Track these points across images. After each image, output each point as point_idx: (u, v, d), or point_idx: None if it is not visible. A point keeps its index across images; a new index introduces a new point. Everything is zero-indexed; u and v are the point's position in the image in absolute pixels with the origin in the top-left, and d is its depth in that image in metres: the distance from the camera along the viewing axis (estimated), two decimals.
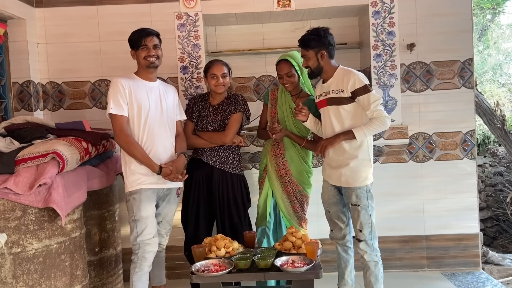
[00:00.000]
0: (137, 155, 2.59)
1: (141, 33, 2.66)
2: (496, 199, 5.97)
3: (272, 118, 3.07)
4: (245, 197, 3.07)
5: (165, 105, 2.74)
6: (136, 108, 2.62)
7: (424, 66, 3.63)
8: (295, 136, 3.00)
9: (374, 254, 2.70)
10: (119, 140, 2.61)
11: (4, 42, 3.31)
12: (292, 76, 2.92)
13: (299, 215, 3.01)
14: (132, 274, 2.62)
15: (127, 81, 2.63)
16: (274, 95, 3.11)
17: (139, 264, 2.61)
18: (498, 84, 8.75)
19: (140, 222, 2.60)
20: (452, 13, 3.57)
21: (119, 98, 2.57)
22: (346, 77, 2.67)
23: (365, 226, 2.67)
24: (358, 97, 2.64)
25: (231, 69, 3.08)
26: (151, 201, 2.65)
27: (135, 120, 2.63)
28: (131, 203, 2.62)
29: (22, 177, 2.26)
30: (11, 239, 2.22)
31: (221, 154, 3.00)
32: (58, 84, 3.66)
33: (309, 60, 2.73)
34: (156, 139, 2.67)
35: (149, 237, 2.62)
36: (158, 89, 2.75)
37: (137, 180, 2.62)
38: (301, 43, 2.76)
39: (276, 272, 2.35)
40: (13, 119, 2.76)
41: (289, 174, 2.99)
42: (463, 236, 3.69)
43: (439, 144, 3.68)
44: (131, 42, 2.68)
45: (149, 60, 2.65)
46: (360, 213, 2.66)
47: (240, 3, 3.54)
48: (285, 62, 2.93)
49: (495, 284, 3.47)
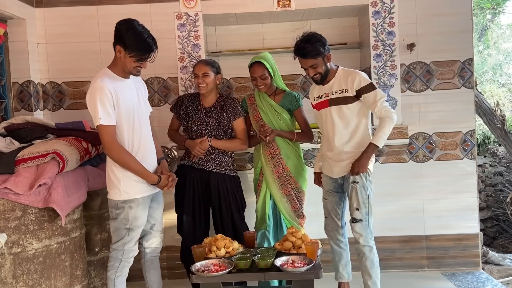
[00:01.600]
0: (133, 167, 2.44)
1: (149, 49, 2.42)
2: (496, 199, 5.98)
3: (257, 122, 3.07)
4: (242, 197, 3.08)
5: (142, 102, 2.60)
6: (124, 112, 2.44)
7: (424, 66, 3.63)
8: (285, 132, 3.02)
9: (370, 237, 2.72)
10: (111, 152, 2.41)
11: (4, 42, 3.31)
12: (265, 79, 2.95)
13: (299, 213, 3.03)
14: (113, 279, 2.52)
15: (110, 83, 2.40)
16: (252, 100, 3.12)
17: (121, 268, 2.54)
18: (498, 84, 8.75)
19: (133, 231, 2.52)
20: (452, 13, 3.57)
21: (108, 106, 2.36)
22: (350, 77, 2.70)
23: (362, 205, 2.69)
24: (364, 95, 2.66)
25: (219, 68, 3.01)
26: (146, 208, 2.58)
27: (123, 125, 2.46)
28: (126, 211, 2.48)
29: (22, 177, 2.26)
30: (11, 239, 2.22)
31: (216, 158, 2.98)
32: (58, 84, 3.66)
33: (319, 67, 2.71)
34: (143, 142, 2.56)
35: (134, 243, 2.57)
36: (134, 85, 2.58)
37: (133, 188, 2.48)
38: (309, 54, 2.67)
39: (276, 272, 2.35)
40: (13, 119, 2.76)
41: (287, 171, 3.01)
42: (463, 236, 3.69)
43: (439, 144, 3.68)
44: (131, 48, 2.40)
45: (137, 71, 2.49)
46: (358, 190, 2.69)
47: (240, 3, 3.54)
48: (258, 65, 2.95)
49: (495, 284, 3.47)
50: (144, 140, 2.56)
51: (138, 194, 2.50)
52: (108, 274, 2.55)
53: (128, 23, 2.45)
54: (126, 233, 2.51)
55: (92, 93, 2.38)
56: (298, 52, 2.71)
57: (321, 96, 2.82)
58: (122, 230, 2.51)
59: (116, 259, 2.53)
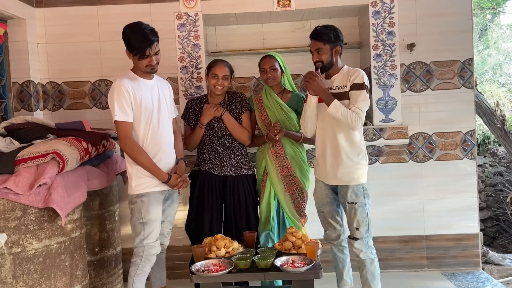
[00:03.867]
0: (144, 163, 2.54)
1: (145, 42, 2.48)
2: (496, 199, 5.97)
3: (264, 121, 3.06)
4: (256, 194, 3.11)
5: (164, 103, 2.69)
6: (142, 111, 2.55)
7: (424, 66, 3.63)
8: (292, 133, 3.01)
9: (370, 251, 2.70)
10: (125, 147, 2.55)
11: (4, 42, 3.30)
12: (275, 71, 2.96)
13: (301, 213, 3.03)
14: (133, 276, 2.58)
15: (129, 83, 2.53)
16: (258, 99, 3.12)
17: (142, 266, 2.59)
18: (498, 84, 8.74)
19: (148, 225, 2.57)
20: (452, 13, 3.57)
21: (124, 104, 2.49)
22: (351, 73, 2.68)
23: (362, 224, 2.66)
24: (352, 91, 2.63)
25: (234, 72, 3.07)
26: (159, 204, 2.64)
27: (141, 123, 2.56)
28: (139, 205, 2.57)
29: (22, 177, 2.26)
30: (11, 239, 2.22)
31: (233, 161, 3.00)
32: (58, 84, 3.66)
33: (324, 54, 2.67)
34: (161, 141, 2.63)
35: (154, 239, 2.61)
36: (157, 86, 2.68)
37: (146, 183, 2.57)
38: (317, 35, 2.67)
39: (276, 272, 2.35)
40: (13, 119, 2.76)
41: (291, 171, 3.01)
42: (463, 236, 3.69)
43: (439, 144, 3.68)
44: (131, 48, 2.51)
45: (151, 68, 2.57)
46: (357, 211, 2.66)
47: (240, 3, 3.54)
48: (270, 57, 2.99)
49: (495, 284, 3.47)
50: (162, 140, 2.64)
51: (148, 188, 2.58)
52: (130, 270, 2.62)
53: (128, 26, 2.55)
54: (141, 228, 2.58)
55: (111, 91, 2.53)
56: (311, 33, 2.71)
57: None
58: (138, 225, 2.59)
59: (138, 256, 2.60)
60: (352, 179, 2.66)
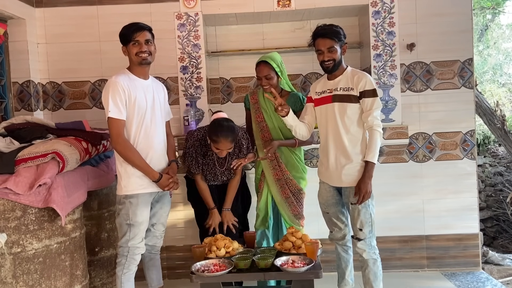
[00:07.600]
0: (136, 162, 2.51)
1: (132, 28, 2.52)
2: (496, 199, 5.97)
3: (259, 124, 3.04)
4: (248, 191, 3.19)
5: (158, 104, 2.65)
6: (136, 110, 2.52)
7: (424, 66, 3.63)
8: (286, 142, 2.98)
9: (373, 252, 2.69)
10: (116, 145, 2.50)
11: (4, 42, 3.30)
12: (271, 79, 2.89)
13: (299, 216, 3.01)
14: (120, 276, 2.57)
15: (125, 81, 2.51)
16: (255, 99, 3.08)
17: (128, 265, 2.58)
18: (498, 84, 8.74)
19: (134, 227, 2.54)
20: (452, 13, 3.57)
21: (118, 101, 2.46)
22: (357, 76, 2.64)
23: (365, 225, 2.66)
24: (364, 99, 2.60)
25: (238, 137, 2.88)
26: (147, 206, 2.61)
27: (133, 122, 2.53)
28: (127, 206, 2.53)
29: (22, 177, 2.26)
30: (11, 239, 2.22)
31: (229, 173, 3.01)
32: (58, 84, 3.66)
33: (335, 53, 2.61)
34: (153, 141, 2.60)
35: (140, 240, 2.59)
36: (152, 87, 2.66)
37: (134, 183, 2.54)
38: (329, 33, 2.59)
39: (276, 272, 2.35)
40: (13, 119, 2.76)
41: (286, 174, 3.00)
42: (463, 236, 3.69)
43: (439, 144, 3.68)
44: (122, 37, 2.55)
45: (141, 57, 2.52)
46: (361, 211, 2.65)
47: (240, 3, 3.54)
48: (264, 64, 2.89)
49: (495, 284, 3.47)
50: (154, 141, 2.61)
51: (137, 189, 2.54)
52: (116, 270, 2.61)
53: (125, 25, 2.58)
54: (127, 229, 2.55)
55: (106, 87, 2.51)
56: (319, 32, 2.63)
57: (324, 91, 2.73)
58: (124, 226, 2.56)
59: (123, 256, 2.58)
60: (356, 180, 2.65)
